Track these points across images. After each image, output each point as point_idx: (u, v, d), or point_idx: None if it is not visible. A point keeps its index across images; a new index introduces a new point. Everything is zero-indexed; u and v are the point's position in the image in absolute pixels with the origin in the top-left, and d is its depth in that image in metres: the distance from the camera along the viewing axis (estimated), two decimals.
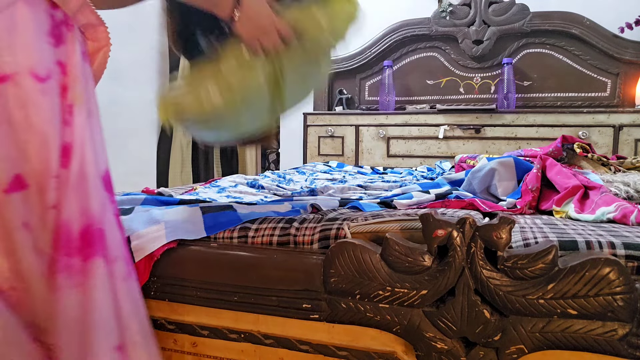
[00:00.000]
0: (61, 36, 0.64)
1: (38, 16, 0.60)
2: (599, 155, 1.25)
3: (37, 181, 0.60)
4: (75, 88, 0.67)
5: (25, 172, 0.59)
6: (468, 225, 0.61)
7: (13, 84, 0.58)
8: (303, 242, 0.76)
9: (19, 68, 0.58)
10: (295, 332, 0.71)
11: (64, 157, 0.64)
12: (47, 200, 0.60)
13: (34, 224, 0.59)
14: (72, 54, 0.66)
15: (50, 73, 0.61)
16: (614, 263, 0.57)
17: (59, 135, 0.62)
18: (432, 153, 2.36)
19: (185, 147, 2.51)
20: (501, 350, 0.61)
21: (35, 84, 0.59)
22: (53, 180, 0.61)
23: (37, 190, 0.60)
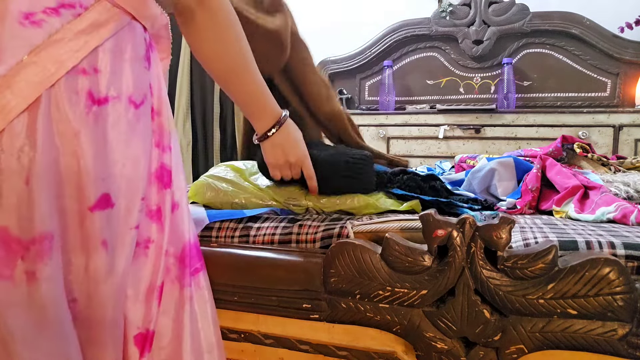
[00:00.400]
0: (150, 59, 0.65)
1: (138, 41, 0.61)
2: (599, 155, 1.25)
3: (124, 201, 0.60)
4: (166, 111, 0.68)
5: (113, 192, 0.59)
6: (468, 225, 0.61)
7: (112, 107, 0.59)
8: (305, 241, 0.76)
9: (120, 93, 0.59)
10: (295, 332, 0.71)
11: (165, 179, 0.66)
12: (130, 221, 0.62)
13: (112, 243, 0.60)
14: (158, 76, 0.67)
15: (146, 98, 0.62)
16: (614, 263, 0.57)
17: (148, 157, 0.63)
18: (432, 153, 2.36)
19: (185, 147, 2.51)
20: (501, 350, 0.61)
21: (131, 109, 0.60)
22: (140, 202, 0.62)
23: (123, 211, 0.61)
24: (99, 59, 0.58)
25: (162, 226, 0.67)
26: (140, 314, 0.64)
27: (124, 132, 0.60)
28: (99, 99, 0.58)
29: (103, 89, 0.58)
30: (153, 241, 0.66)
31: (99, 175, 0.58)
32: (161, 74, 0.69)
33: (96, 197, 0.58)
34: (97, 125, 0.58)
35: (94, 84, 0.57)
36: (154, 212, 0.67)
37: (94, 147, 0.57)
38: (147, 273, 0.65)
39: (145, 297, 0.65)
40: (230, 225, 0.82)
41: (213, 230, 0.81)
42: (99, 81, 0.58)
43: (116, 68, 0.59)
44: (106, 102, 0.58)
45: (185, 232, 0.72)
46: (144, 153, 0.63)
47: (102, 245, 0.59)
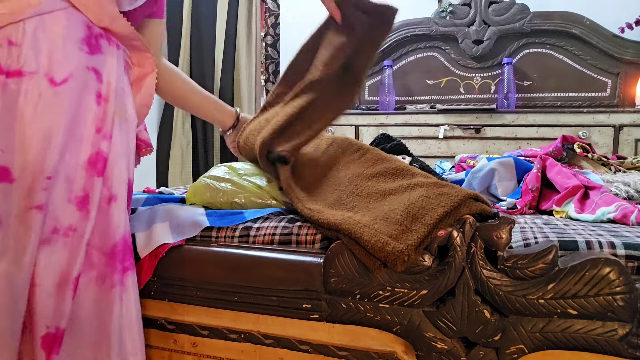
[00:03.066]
0: (98, 46, 0.68)
1: (72, 23, 0.64)
2: (599, 155, 1.25)
3: (25, 178, 0.60)
4: (114, 100, 0.70)
5: (15, 166, 0.59)
6: (468, 225, 0.61)
7: (28, 81, 0.60)
8: (305, 242, 0.76)
9: (37, 68, 0.60)
10: (295, 332, 0.71)
11: (98, 165, 0.66)
12: (32, 199, 0.60)
13: (8, 221, 0.59)
14: (109, 65, 0.69)
15: (71, 77, 0.64)
16: (614, 263, 0.56)
17: (66, 137, 0.63)
18: (432, 153, 2.36)
19: (185, 147, 2.51)
20: (501, 350, 0.61)
21: (48, 86, 0.61)
22: (44, 180, 0.61)
23: (23, 187, 0.60)
24: (18, 33, 0.59)
25: (87, 214, 0.65)
26: (50, 307, 0.61)
27: (34, 107, 0.60)
28: (9, 71, 0.59)
29: (15, 62, 0.59)
30: (75, 229, 0.64)
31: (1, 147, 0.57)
32: (117, 64, 0.71)
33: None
34: (4, 96, 0.58)
35: (5, 56, 0.58)
36: (79, 198, 0.65)
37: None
38: (62, 262, 0.63)
39: (56, 289, 0.62)
40: (231, 225, 0.82)
41: (213, 230, 0.81)
42: (12, 54, 0.59)
43: (37, 43, 0.60)
44: (19, 74, 0.59)
45: (120, 227, 0.70)
46: (59, 131, 0.62)
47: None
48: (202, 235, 0.81)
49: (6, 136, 0.58)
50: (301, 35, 1.05)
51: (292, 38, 2.76)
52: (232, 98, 2.65)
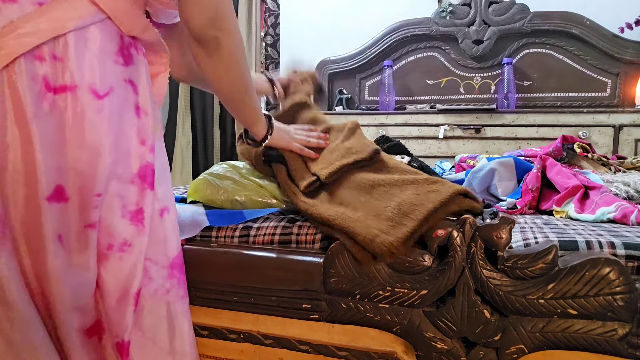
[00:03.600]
0: (130, 56, 0.67)
1: (107, 36, 0.63)
2: (599, 155, 1.25)
3: (79, 197, 0.59)
4: (151, 111, 0.69)
5: (68, 185, 0.59)
6: (468, 225, 0.61)
7: (72, 96, 0.58)
8: (305, 242, 0.76)
9: (81, 82, 0.59)
10: (295, 332, 0.71)
11: (148, 178, 0.66)
12: (86, 217, 0.60)
13: (68, 239, 0.59)
14: (142, 76, 0.68)
15: (112, 90, 0.63)
16: (614, 263, 0.56)
17: (114, 153, 0.63)
18: (432, 153, 2.35)
19: (185, 147, 2.51)
20: (501, 350, 0.61)
21: (92, 99, 0.60)
22: (94, 198, 0.61)
23: (78, 206, 0.60)
24: (60, 47, 0.58)
25: (142, 228, 0.65)
26: (115, 320, 0.63)
27: (81, 123, 0.59)
28: (56, 86, 0.58)
29: (61, 77, 0.58)
30: (131, 244, 0.64)
31: (53, 166, 0.57)
32: (147, 75, 0.70)
33: (50, 188, 0.56)
34: (53, 113, 0.57)
35: (51, 71, 0.57)
36: (133, 212, 0.65)
37: (50, 135, 0.56)
38: (121, 278, 0.63)
39: (117, 303, 0.63)
40: (230, 225, 0.82)
41: (213, 230, 0.81)
42: (57, 69, 0.58)
43: (79, 57, 0.59)
44: (64, 90, 0.58)
45: (176, 239, 0.71)
46: (107, 147, 0.61)
47: (59, 239, 0.58)
48: (202, 235, 0.81)
49: (59, 155, 0.57)
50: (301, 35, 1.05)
51: (292, 38, 2.76)
52: None
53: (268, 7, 2.73)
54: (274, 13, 2.75)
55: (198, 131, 2.56)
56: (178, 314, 0.69)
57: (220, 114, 2.64)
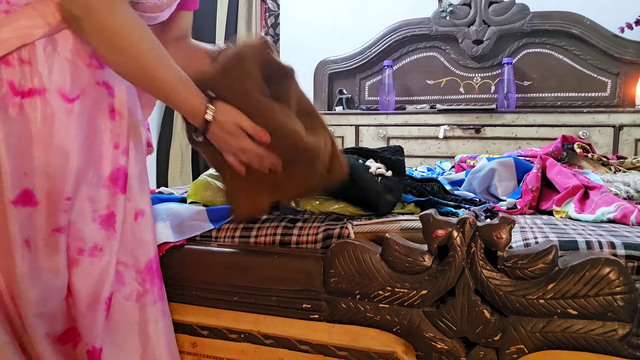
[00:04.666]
0: None
1: (80, 39, 0.61)
2: (599, 155, 1.25)
3: (47, 201, 0.58)
4: (127, 113, 0.67)
5: (37, 189, 0.58)
6: (468, 225, 0.61)
7: (41, 99, 0.58)
8: (307, 242, 0.76)
9: (50, 85, 0.58)
10: (295, 332, 0.71)
11: (120, 182, 0.65)
12: (55, 221, 0.59)
13: (35, 244, 0.58)
14: (120, 78, 0.66)
15: (83, 93, 0.61)
16: (614, 263, 0.56)
17: (84, 156, 0.61)
18: (432, 153, 2.35)
19: (185, 147, 2.51)
20: (501, 350, 0.61)
21: (62, 103, 0.59)
22: (64, 202, 0.60)
23: (46, 210, 0.59)
24: (27, 52, 0.57)
25: (114, 232, 0.64)
26: (86, 327, 0.62)
27: (49, 128, 0.58)
28: (23, 91, 0.57)
29: (29, 81, 0.57)
30: (101, 249, 0.63)
31: (20, 169, 0.56)
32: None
33: (16, 191, 0.56)
34: (20, 117, 0.56)
35: (18, 75, 0.56)
36: (104, 217, 0.64)
37: (16, 139, 0.56)
38: (92, 283, 0.62)
39: (88, 309, 0.62)
40: (230, 225, 0.82)
41: (213, 230, 0.81)
42: (25, 73, 0.57)
43: (48, 61, 0.58)
44: (31, 94, 0.57)
45: (152, 243, 0.70)
46: (76, 150, 0.60)
47: (25, 243, 0.57)
48: (202, 235, 0.81)
49: (27, 160, 0.57)
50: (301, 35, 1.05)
51: (292, 38, 2.76)
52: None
53: (268, 7, 2.73)
54: (274, 13, 2.75)
55: None
56: (153, 318, 0.68)
57: None
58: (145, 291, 0.68)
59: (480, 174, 1.18)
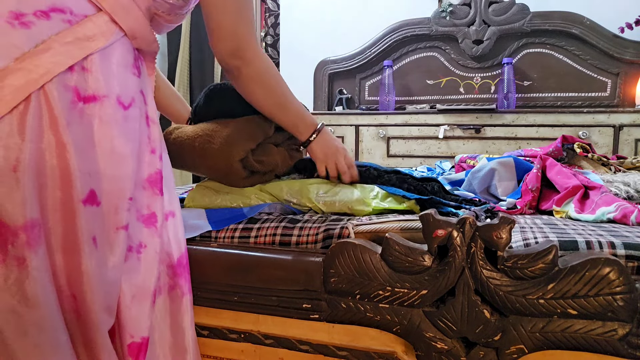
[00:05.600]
0: (139, 68, 0.70)
1: (127, 50, 0.66)
2: (599, 155, 1.25)
3: (109, 201, 0.61)
4: (157, 120, 0.72)
5: (100, 190, 0.60)
6: (468, 225, 0.61)
7: (101, 105, 0.61)
8: (307, 242, 0.76)
9: (109, 92, 0.62)
10: (295, 332, 0.71)
11: (157, 184, 0.69)
12: (117, 221, 0.62)
13: (101, 241, 0.61)
14: (149, 87, 0.72)
15: (134, 101, 0.66)
16: (614, 263, 0.57)
17: (136, 160, 0.65)
18: (432, 153, 2.36)
19: None
20: (501, 350, 0.61)
21: (119, 109, 0.63)
22: (127, 202, 0.63)
23: (108, 210, 0.62)
24: (88, 60, 0.60)
25: (155, 231, 0.68)
26: (131, 319, 0.64)
27: (109, 131, 0.61)
28: (85, 96, 0.60)
29: (90, 88, 0.60)
30: (146, 246, 0.67)
31: (85, 170, 0.58)
32: (152, 86, 0.73)
33: (85, 191, 0.58)
34: (82, 121, 0.59)
35: (81, 81, 0.59)
36: (146, 216, 0.68)
37: (81, 142, 0.58)
38: (140, 278, 0.66)
39: (138, 303, 0.65)
40: (231, 225, 0.82)
41: (213, 231, 0.81)
42: (86, 79, 0.60)
43: (105, 70, 0.62)
44: (93, 100, 0.60)
45: (183, 241, 0.73)
46: (131, 154, 0.64)
47: (93, 241, 0.59)
48: (202, 235, 0.81)
49: (90, 162, 0.59)
50: (301, 35, 1.05)
51: (292, 38, 2.76)
52: None
53: (268, 7, 2.73)
54: (274, 13, 2.75)
55: None
56: (181, 311, 0.71)
57: None
58: (175, 284, 0.71)
59: (480, 174, 1.18)
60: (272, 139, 0.96)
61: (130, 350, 0.64)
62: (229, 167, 0.88)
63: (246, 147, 0.89)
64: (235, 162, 0.87)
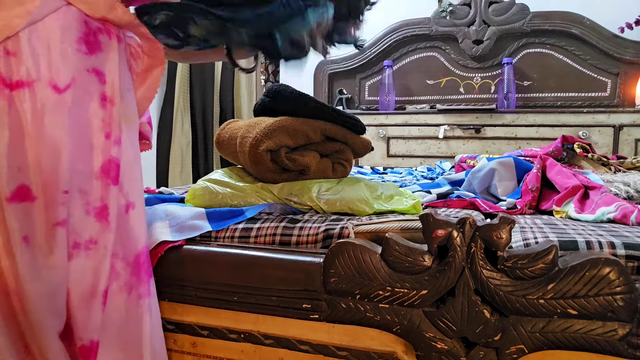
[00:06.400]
0: (97, 43, 0.63)
1: (67, 23, 0.59)
2: (599, 155, 1.25)
3: (45, 195, 0.57)
4: (120, 101, 0.65)
5: (33, 184, 0.57)
6: (468, 225, 0.61)
7: (30, 91, 0.56)
8: (307, 242, 0.76)
9: (39, 76, 0.57)
10: (295, 332, 0.71)
11: (111, 173, 0.63)
12: (54, 216, 0.58)
13: (35, 240, 0.58)
14: (111, 63, 0.64)
15: (73, 82, 0.60)
16: (614, 263, 0.56)
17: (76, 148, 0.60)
18: (432, 153, 2.36)
19: (185, 147, 2.51)
20: (501, 350, 0.61)
21: (52, 93, 0.58)
22: (62, 195, 0.58)
23: (44, 205, 0.57)
24: (11, 43, 0.55)
25: (107, 225, 0.63)
26: (80, 320, 0.61)
27: (40, 120, 0.56)
28: (12, 83, 0.55)
29: (16, 73, 0.55)
30: (96, 242, 0.62)
31: (14, 165, 0.55)
32: (120, 62, 0.66)
33: (12, 188, 0.55)
34: (10, 110, 0.55)
35: (5, 67, 0.55)
36: (97, 209, 0.63)
37: (7, 134, 0.54)
38: (87, 276, 0.62)
39: (84, 303, 0.61)
40: (230, 225, 0.82)
41: (213, 230, 0.81)
42: (11, 64, 0.55)
43: (35, 51, 0.56)
44: (20, 86, 0.55)
45: (142, 236, 0.69)
46: (68, 142, 0.59)
47: (24, 240, 0.56)
48: (202, 235, 0.81)
49: (19, 154, 0.55)
50: None
51: None
52: (232, 98, 2.64)
53: None
54: None
55: (198, 131, 2.56)
56: (144, 310, 0.67)
57: (221, 113, 2.64)
58: (136, 283, 0.67)
59: (480, 174, 1.18)
60: (317, 146, 0.99)
61: (81, 353, 0.61)
62: (256, 155, 0.90)
63: (281, 141, 0.91)
64: (263, 151, 0.89)
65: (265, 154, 0.92)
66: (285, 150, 0.93)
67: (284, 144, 0.93)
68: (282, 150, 0.93)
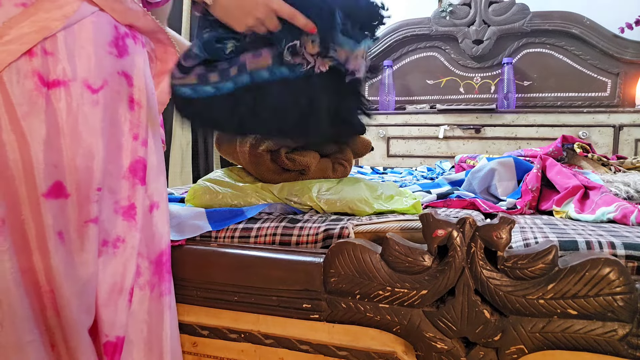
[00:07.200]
0: (125, 47, 0.65)
1: (99, 27, 0.61)
2: (599, 155, 1.25)
3: (78, 192, 0.59)
4: (149, 106, 0.67)
5: (68, 181, 0.58)
6: (468, 225, 0.61)
7: (66, 90, 0.58)
8: (307, 242, 0.76)
9: (75, 76, 0.58)
10: (295, 332, 0.71)
11: (139, 173, 0.65)
12: (87, 213, 0.60)
13: (69, 236, 0.59)
14: (137, 67, 0.67)
15: (106, 83, 0.62)
16: (614, 263, 0.56)
17: (106, 148, 0.62)
18: (432, 153, 2.36)
19: (185, 147, 2.51)
20: (501, 350, 0.61)
21: (87, 93, 0.59)
22: (94, 192, 0.60)
23: (77, 202, 0.59)
24: (49, 43, 0.56)
25: (135, 224, 0.65)
26: (107, 317, 0.62)
27: (75, 117, 0.58)
28: (49, 81, 0.57)
29: (53, 72, 0.57)
30: (124, 240, 0.64)
31: (50, 162, 0.56)
32: (145, 66, 0.68)
33: (48, 184, 0.56)
34: (48, 108, 0.56)
35: (43, 66, 0.56)
36: (125, 208, 0.64)
37: (45, 132, 0.56)
38: (116, 274, 0.63)
39: (110, 300, 0.62)
40: (230, 225, 0.82)
41: (213, 230, 0.81)
42: (49, 63, 0.56)
43: (70, 51, 0.58)
44: (57, 85, 0.57)
45: (165, 236, 0.70)
46: (100, 141, 0.61)
47: (58, 236, 0.57)
48: (202, 235, 0.81)
49: (55, 152, 0.57)
50: None
51: None
52: None
53: None
54: None
55: (198, 131, 2.56)
56: (165, 308, 0.69)
57: None
58: (158, 282, 0.69)
59: (480, 174, 1.18)
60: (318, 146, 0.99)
61: (105, 350, 0.62)
62: (256, 155, 0.91)
63: (280, 142, 0.92)
64: (263, 151, 0.91)
65: (265, 154, 0.92)
66: (285, 150, 0.93)
67: (284, 143, 0.93)
68: (282, 150, 0.93)
